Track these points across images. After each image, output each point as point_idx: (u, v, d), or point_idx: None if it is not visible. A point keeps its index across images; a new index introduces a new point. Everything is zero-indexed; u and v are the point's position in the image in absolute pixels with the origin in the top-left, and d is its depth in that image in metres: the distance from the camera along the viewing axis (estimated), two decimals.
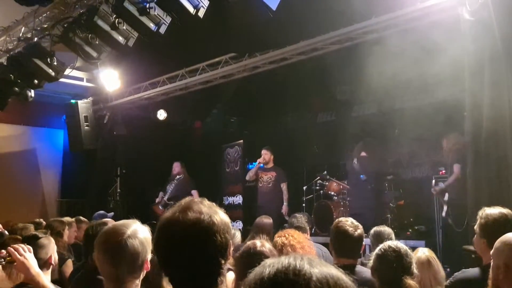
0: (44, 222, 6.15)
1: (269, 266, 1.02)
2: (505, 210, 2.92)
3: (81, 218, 6.60)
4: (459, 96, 5.79)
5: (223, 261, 1.60)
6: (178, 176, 9.74)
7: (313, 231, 7.89)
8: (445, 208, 7.24)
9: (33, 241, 3.18)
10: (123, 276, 2.05)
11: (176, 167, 9.94)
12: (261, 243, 2.74)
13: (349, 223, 3.61)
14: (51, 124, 11.07)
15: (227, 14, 5.46)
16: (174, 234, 1.57)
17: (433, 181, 7.50)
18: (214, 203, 1.69)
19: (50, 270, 3.23)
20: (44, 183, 10.90)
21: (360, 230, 3.58)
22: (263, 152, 9.11)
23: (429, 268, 3.42)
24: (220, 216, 1.63)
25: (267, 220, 5.62)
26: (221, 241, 1.57)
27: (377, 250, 2.89)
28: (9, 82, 7.29)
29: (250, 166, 11.02)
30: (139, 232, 2.12)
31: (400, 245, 2.87)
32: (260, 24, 6.00)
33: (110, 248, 2.06)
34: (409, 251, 2.86)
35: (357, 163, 8.87)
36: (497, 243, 2.40)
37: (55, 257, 3.29)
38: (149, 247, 2.15)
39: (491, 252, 2.42)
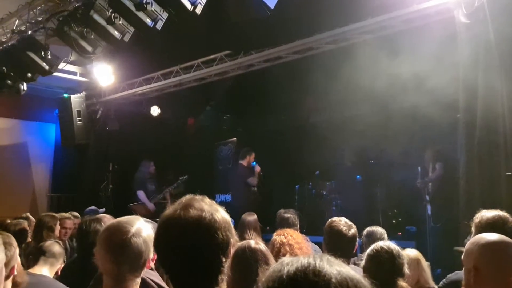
0: (31, 217, 6.09)
1: (287, 264, 1.01)
2: (501, 213, 2.91)
3: (75, 213, 6.57)
4: (453, 98, 5.82)
5: (224, 259, 1.59)
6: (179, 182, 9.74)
7: (304, 230, 7.89)
8: (428, 207, 7.44)
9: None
10: (125, 274, 2.00)
11: (152, 166, 9.92)
12: (256, 242, 2.73)
13: (342, 222, 3.62)
14: (43, 118, 10.98)
15: (224, 11, 5.44)
16: (175, 231, 1.56)
17: (419, 169, 7.81)
18: (214, 201, 1.68)
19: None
20: (35, 177, 10.81)
21: (353, 230, 3.60)
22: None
23: (417, 266, 3.47)
24: (221, 214, 1.62)
25: (251, 217, 5.70)
26: (222, 239, 1.56)
27: (369, 251, 2.88)
28: (2, 74, 7.22)
29: None
30: (143, 230, 2.07)
31: (393, 246, 2.86)
32: (256, 23, 6.00)
33: (114, 245, 2.01)
34: (401, 252, 2.86)
35: (351, 165, 8.96)
36: (467, 245, 2.25)
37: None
38: (152, 245, 2.12)
39: (462, 256, 2.27)
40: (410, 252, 3.62)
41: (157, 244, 1.63)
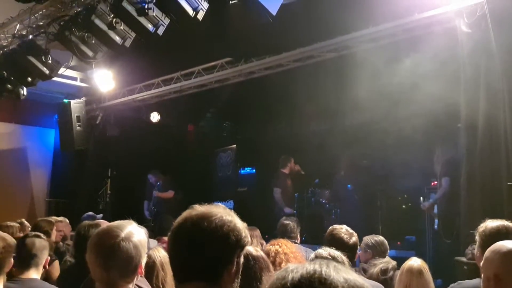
0: (26, 222, 6.06)
1: (292, 271, 0.98)
2: (506, 223, 2.88)
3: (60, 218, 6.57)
4: (454, 108, 5.81)
5: (229, 262, 1.59)
6: (158, 183, 9.98)
7: (303, 239, 7.85)
8: (436, 221, 7.31)
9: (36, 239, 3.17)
10: (115, 280, 1.99)
11: (151, 178, 10.18)
12: (255, 249, 2.71)
13: (344, 230, 3.60)
14: (42, 123, 10.96)
15: (226, 17, 5.45)
16: (188, 230, 1.59)
17: (421, 198, 7.60)
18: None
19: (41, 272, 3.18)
20: (33, 182, 10.76)
21: (354, 238, 3.58)
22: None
23: (419, 277, 3.42)
24: (235, 219, 1.65)
25: (254, 232, 5.61)
26: (228, 235, 1.58)
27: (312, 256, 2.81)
28: (2, 79, 7.21)
29: (242, 171, 10.99)
30: (134, 235, 2.05)
31: (337, 253, 2.83)
32: (258, 30, 5.99)
33: (103, 250, 2.00)
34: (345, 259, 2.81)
35: (343, 174, 8.94)
36: (487, 252, 2.22)
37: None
38: (144, 250, 2.09)
39: (481, 263, 2.25)
40: (415, 263, 3.55)
41: (171, 243, 1.65)
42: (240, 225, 1.65)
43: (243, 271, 2.48)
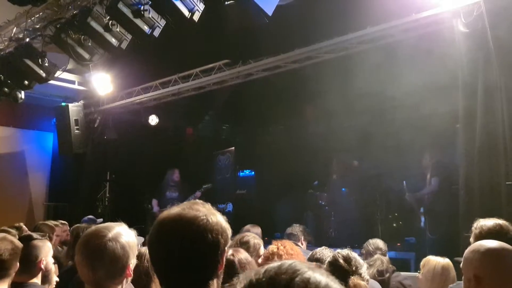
0: (24, 227, 6.02)
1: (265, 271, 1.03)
2: (500, 221, 2.86)
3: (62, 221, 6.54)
4: (452, 108, 5.80)
5: (213, 263, 1.56)
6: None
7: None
8: (422, 219, 7.44)
9: (26, 242, 3.08)
10: (101, 280, 1.96)
11: (176, 174, 10.00)
12: (235, 252, 2.70)
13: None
14: (40, 126, 10.91)
15: (222, 19, 5.44)
16: (170, 229, 1.55)
17: (404, 183, 7.80)
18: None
19: (40, 275, 3.09)
20: (32, 186, 10.72)
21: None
22: None
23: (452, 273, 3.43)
24: (218, 218, 1.61)
25: (255, 229, 5.65)
26: (212, 241, 1.54)
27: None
28: None
29: (241, 173, 10.97)
30: (122, 236, 2.03)
31: (346, 252, 2.91)
32: (255, 31, 5.98)
33: (89, 250, 1.98)
34: (357, 257, 2.92)
35: (336, 178, 8.93)
36: (466, 253, 2.16)
37: (47, 262, 3.14)
38: (133, 252, 2.07)
39: (461, 265, 2.19)
40: (442, 260, 3.58)
41: (151, 242, 1.60)
42: (225, 224, 1.62)
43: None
